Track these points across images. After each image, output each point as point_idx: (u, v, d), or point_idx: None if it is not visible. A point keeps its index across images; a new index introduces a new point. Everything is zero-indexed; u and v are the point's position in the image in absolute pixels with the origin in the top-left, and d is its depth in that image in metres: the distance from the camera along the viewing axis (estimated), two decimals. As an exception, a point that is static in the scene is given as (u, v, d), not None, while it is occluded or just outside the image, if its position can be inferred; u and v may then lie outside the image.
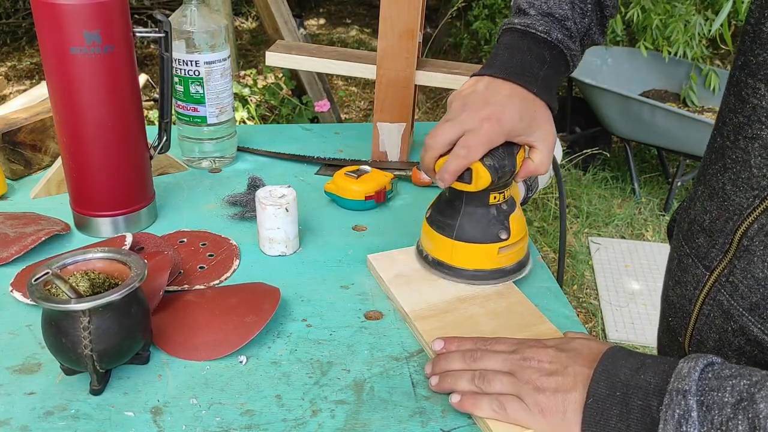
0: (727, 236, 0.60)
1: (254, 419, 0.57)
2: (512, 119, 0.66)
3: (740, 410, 0.44)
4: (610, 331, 2.26)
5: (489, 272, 0.74)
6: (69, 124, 0.76)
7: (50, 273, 0.55)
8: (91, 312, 0.55)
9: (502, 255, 0.73)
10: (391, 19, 0.96)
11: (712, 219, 0.62)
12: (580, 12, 0.73)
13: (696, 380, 0.47)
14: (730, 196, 0.60)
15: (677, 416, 0.46)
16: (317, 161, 1.06)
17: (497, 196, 0.71)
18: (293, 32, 3.16)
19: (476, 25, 4.15)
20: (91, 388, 0.59)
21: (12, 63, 4.55)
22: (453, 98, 0.70)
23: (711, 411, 0.46)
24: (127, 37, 0.76)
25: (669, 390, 0.48)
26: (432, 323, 0.68)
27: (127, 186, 0.82)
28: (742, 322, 0.58)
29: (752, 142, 0.57)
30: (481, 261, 0.73)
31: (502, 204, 0.72)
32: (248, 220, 0.88)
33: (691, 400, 0.46)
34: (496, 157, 0.67)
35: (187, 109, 0.99)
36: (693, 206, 0.67)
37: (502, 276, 0.74)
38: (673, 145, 2.93)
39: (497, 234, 0.72)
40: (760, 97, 0.55)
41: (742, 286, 0.58)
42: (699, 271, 0.64)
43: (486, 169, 0.66)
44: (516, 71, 0.69)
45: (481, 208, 0.72)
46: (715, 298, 0.62)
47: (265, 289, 0.71)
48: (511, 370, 0.57)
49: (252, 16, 5.59)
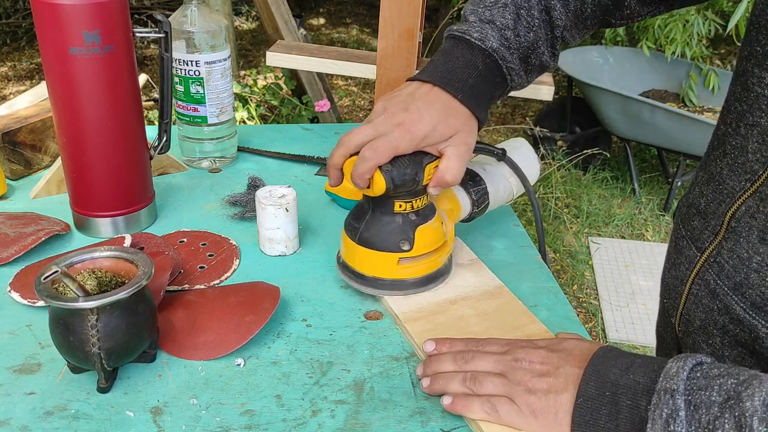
0: (719, 218, 0.61)
1: (254, 419, 0.57)
2: (424, 129, 0.65)
3: (727, 409, 0.45)
4: (610, 331, 2.26)
5: (389, 282, 0.71)
6: (69, 124, 0.76)
7: (59, 271, 0.56)
8: (99, 310, 0.55)
9: (403, 266, 0.71)
10: (391, 19, 0.96)
11: (707, 202, 0.64)
12: (526, 25, 0.69)
13: (684, 379, 0.48)
14: (725, 180, 0.61)
15: (665, 415, 0.46)
16: (317, 161, 1.06)
17: (403, 204, 0.69)
18: (293, 32, 3.16)
19: (476, 25, 4.15)
20: (99, 386, 0.59)
21: (12, 63, 4.55)
22: (379, 99, 0.69)
23: (698, 410, 0.46)
24: (127, 37, 0.76)
25: (657, 389, 0.48)
26: (423, 325, 0.68)
27: (127, 186, 0.82)
28: (726, 301, 0.60)
29: (752, 129, 0.58)
30: (380, 269, 0.71)
31: (410, 214, 0.70)
32: (248, 220, 0.88)
33: (679, 399, 0.47)
34: (397, 165, 0.65)
35: (188, 109, 0.99)
36: (692, 191, 0.69)
37: (402, 288, 0.71)
38: (673, 145, 2.93)
39: (398, 243, 0.69)
40: (764, 86, 0.56)
41: (727, 266, 0.60)
42: (692, 252, 0.65)
43: (382, 175, 0.65)
44: (444, 77, 0.67)
45: (386, 216, 0.70)
46: (703, 278, 0.63)
47: (265, 288, 0.71)
48: (502, 372, 0.57)
49: (252, 16, 5.59)
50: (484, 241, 0.86)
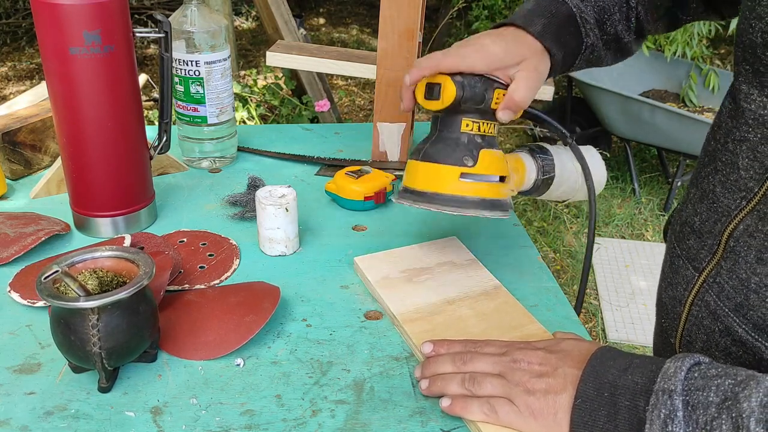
0: (716, 238, 0.61)
1: (254, 419, 0.57)
2: (495, 51, 0.66)
3: (724, 410, 0.44)
4: (610, 331, 2.26)
5: (448, 197, 0.68)
6: (69, 124, 0.76)
7: (60, 271, 0.56)
8: (99, 310, 0.55)
9: (465, 183, 0.68)
10: (391, 19, 0.96)
11: (702, 221, 0.63)
12: None
13: (682, 380, 0.47)
14: (719, 198, 0.61)
15: (663, 416, 0.46)
16: (317, 161, 1.06)
17: (470, 123, 0.68)
18: (293, 32, 3.16)
19: (476, 25, 4.15)
20: (100, 386, 0.59)
21: (12, 63, 4.55)
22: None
23: (696, 411, 0.46)
24: (127, 37, 0.76)
25: (655, 390, 0.48)
26: (421, 326, 0.68)
27: (127, 186, 0.82)
28: (728, 322, 0.59)
29: (740, 144, 0.58)
30: (441, 183, 0.68)
31: (476, 136, 0.69)
32: (248, 220, 0.88)
33: (677, 399, 0.46)
34: (468, 78, 0.66)
35: (188, 109, 0.99)
36: (685, 208, 0.68)
37: (460, 205, 0.68)
38: (673, 145, 2.93)
39: (462, 158, 0.68)
40: (750, 101, 0.56)
41: (727, 286, 0.59)
42: (689, 272, 0.64)
43: (453, 83, 0.65)
44: (520, 16, 0.69)
45: (452, 133, 0.69)
46: (703, 299, 0.62)
47: (265, 288, 0.71)
48: (501, 372, 0.57)
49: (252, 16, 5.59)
50: (483, 242, 0.86)
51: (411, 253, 0.80)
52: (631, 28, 0.75)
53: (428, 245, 0.82)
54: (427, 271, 0.77)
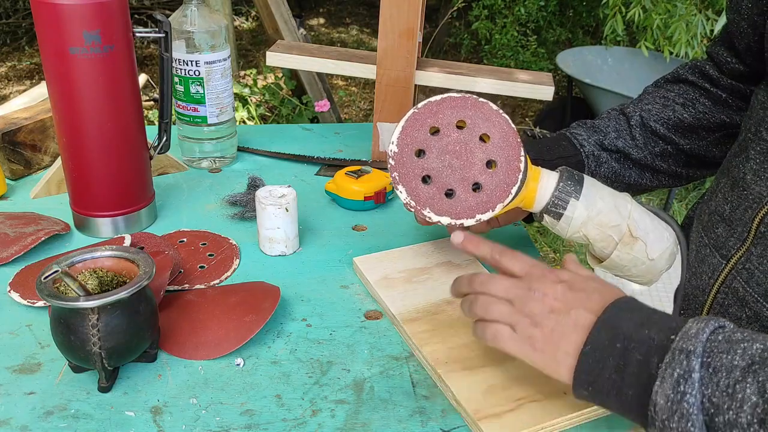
0: (746, 225, 0.61)
1: (254, 419, 0.57)
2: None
3: (750, 373, 0.43)
4: (610, 331, 2.25)
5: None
6: (69, 124, 0.76)
7: (60, 270, 0.56)
8: (99, 309, 0.55)
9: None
10: (391, 19, 0.96)
11: (732, 209, 0.64)
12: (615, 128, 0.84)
13: (703, 341, 0.46)
14: (750, 185, 0.61)
15: (677, 375, 0.45)
16: (317, 161, 1.06)
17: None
18: (293, 32, 3.16)
19: (476, 25, 4.15)
20: (100, 386, 0.59)
21: (12, 63, 4.55)
22: None
23: (718, 373, 0.45)
24: (127, 37, 0.76)
25: (672, 348, 0.47)
26: (420, 326, 0.68)
27: (126, 186, 0.82)
28: (757, 308, 0.59)
29: None
30: None
31: None
32: (248, 220, 0.88)
33: (694, 361, 0.45)
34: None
35: (188, 109, 0.99)
36: (714, 197, 0.68)
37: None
38: (673, 145, 2.93)
39: None
40: None
41: (757, 272, 0.59)
42: (716, 260, 0.64)
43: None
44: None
45: None
46: (730, 286, 0.62)
47: (265, 288, 0.71)
48: (513, 299, 0.56)
49: (252, 16, 5.59)
50: (484, 241, 0.86)
51: (410, 253, 0.80)
52: (638, 146, 0.81)
53: (428, 245, 0.82)
54: (427, 271, 0.77)
